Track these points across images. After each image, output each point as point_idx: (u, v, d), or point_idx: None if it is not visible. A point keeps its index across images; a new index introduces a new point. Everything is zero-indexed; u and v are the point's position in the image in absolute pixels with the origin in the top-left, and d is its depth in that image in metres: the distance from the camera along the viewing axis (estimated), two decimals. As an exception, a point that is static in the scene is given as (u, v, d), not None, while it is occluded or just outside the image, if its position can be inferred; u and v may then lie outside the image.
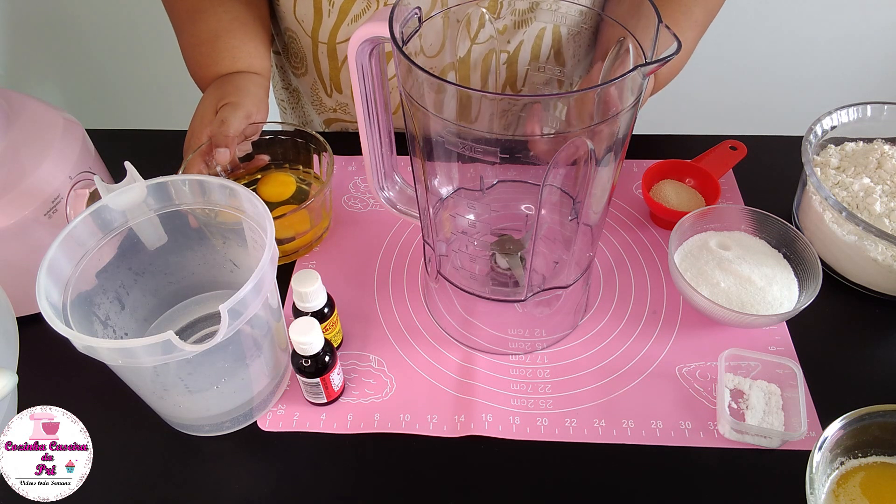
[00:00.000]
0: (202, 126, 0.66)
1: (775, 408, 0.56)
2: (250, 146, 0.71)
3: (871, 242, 0.62)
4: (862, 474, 0.50)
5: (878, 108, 0.70)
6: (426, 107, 0.46)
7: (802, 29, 1.46)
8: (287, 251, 0.68)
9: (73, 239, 0.50)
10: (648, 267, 0.68)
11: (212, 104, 0.67)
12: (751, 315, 0.59)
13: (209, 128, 0.65)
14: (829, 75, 1.53)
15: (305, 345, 0.52)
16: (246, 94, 0.68)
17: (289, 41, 0.82)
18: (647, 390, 0.58)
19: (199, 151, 0.64)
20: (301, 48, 0.80)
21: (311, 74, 0.83)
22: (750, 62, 1.52)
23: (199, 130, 0.66)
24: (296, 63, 0.84)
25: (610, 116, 0.44)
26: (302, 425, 0.56)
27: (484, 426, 0.56)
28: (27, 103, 0.63)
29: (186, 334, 0.61)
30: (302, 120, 0.96)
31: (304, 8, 0.74)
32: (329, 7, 0.72)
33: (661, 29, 0.43)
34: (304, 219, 0.67)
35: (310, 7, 0.73)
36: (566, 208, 0.59)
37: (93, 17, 1.32)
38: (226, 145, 0.63)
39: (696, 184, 0.73)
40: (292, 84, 0.92)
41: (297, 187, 0.73)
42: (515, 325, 0.61)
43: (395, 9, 0.46)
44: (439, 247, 0.60)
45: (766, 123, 1.00)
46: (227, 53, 0.72)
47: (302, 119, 0.96)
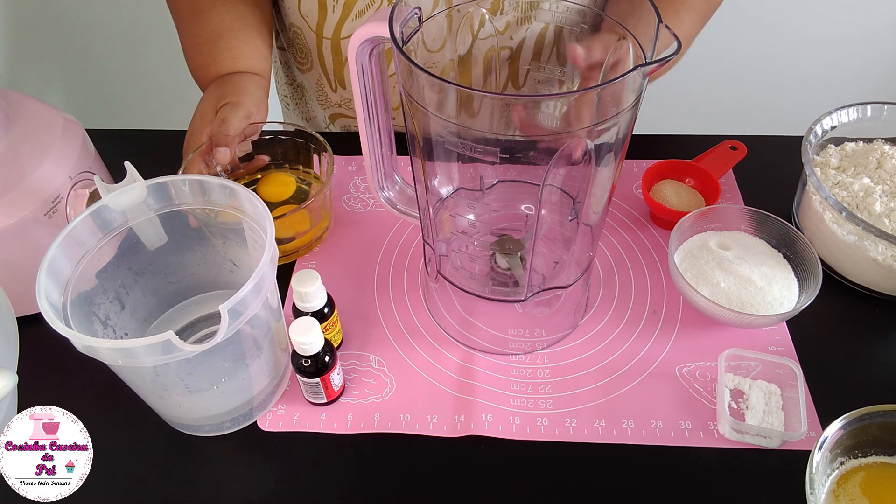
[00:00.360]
0: (202, 125, 0.66)
1: (775, 408, 0.56)
2: (250, 146, 0.71)
3: (871, 242, 0.62)
4: (862, 474, 0.50)
5: (878, 108, 0.70)
6: (426, 107, 0.47)
7: (802, 29, 1.46)
8: (287, 251, 0.68)
9: (73, 239, 0.50)
10: (648, 267, 0.68)
11: (212, 104, 0.68)
12: (751, 315, 0.59)
13: (209, 127, 0.65)
14: (829, 75, 1.53)
15: (305, 345, 0.52)
16: (246, 94, 0.68)
17: (293, 37, 0.82)
18: (647, 390, 0.58)
19: (199, 151, 0.64)
20: (306, 44, 0.80)
21: (315, 70, 0.83)
22: (750, 62, 1.52)
23: (198, 130, 0.66)
24: (301, 59, 0.84)
25: (610, 116, 0.44)
26: (302, 425, 0.56)
27: (484, 426, 0.56)
28: (27, 103, 0.63)
29: (186, 334, 0.61)
30: (305, 116, 0.97)
31: (308, 3, 0.74)
32: (333, 3, 0.72)
33: (660, 28, 0.43)
34: (304, 219, 0.67)
35: (314, 3, 0.73)
36: (566, 208, 0.59)
37: (93, 16, 1.31)
38: (226, 145, 0.64)
39: (696, 184, 0.73)
40: (297, 80, 0.93)
41: (297, 187, 0.73)
42: (515, 325, 0.61)
43: (395, 9, 0.46)
44: (439, 247, 0.60)
45: (766, 123, 1.00)
46: (228, 53, 0.72)
47: (305, 115, 0.96)
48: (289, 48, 0.87)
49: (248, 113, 0.67)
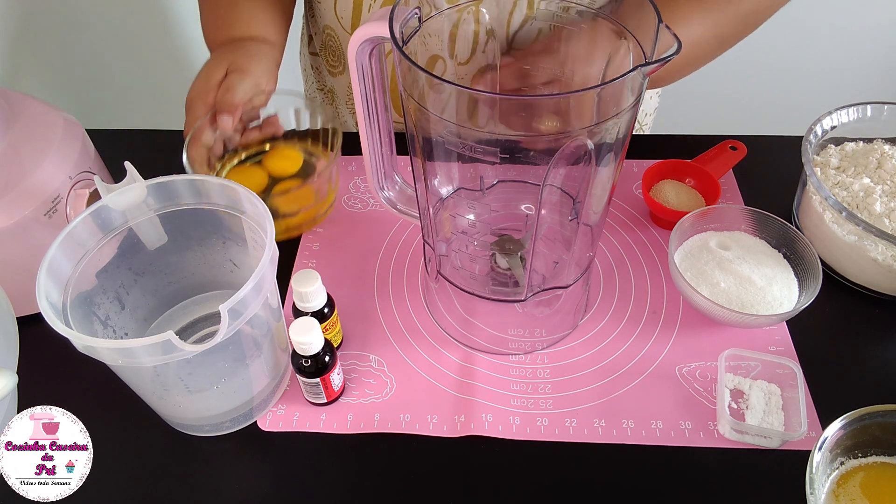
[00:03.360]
0: (206, 88, 0.65)
1: (775, 408, 0.56)
2: (259, 115, 0.70)
3: (871, 242, 0.62)
4: (862, 474, 0.50)
5: (878, 108, 0.70)
6: (426, 106, 0.47)
7: (803, 28, 1.46)
8: (290, 226, 0.68)
9: (73, 239, 0.50)
10: (648, 267, 0.68)
11: (220, 66, 0.66)
12: (751, 315, 0.59)
13: (214, 92, 0.64)
14: (829, 75, 1.53)
15: (305, 345, 0.52)
16: (257, 63, 0.67)
17: (327, 39, 0.82)
18: (647, 390, 0.58)
19: (207, 118, 0.64)
20: (339, 45, 0.80)
21: (347, 73, 0.83)
22: (750, 62, 1.51)
23: (202, 91, 0.65)
24: (333, 62, 0.84)
25: (610, 116, 0.44)
26: (302, 425, 0.56)
27: (484, 426, 0.56)
28: (27, 103, 0.63)
29: (186, 334, 0.61)
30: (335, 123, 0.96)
31: (344, 4, 0.74)
32: (371, 2, 0.72)
33: (661, 28, 0.43)
34: (309, 193, 0.67)
35: (349, 3, 0.73)
36: (566, 208, 0.59)
37: (93, 16, 1.31)
38: (229, 113, 0.63)
39: (696, 184, 0.73)
40: (327, 84, 0.93)
41: (304, 161, 0.72)
42: (515, 325, 0.61)
43: (395, 9, 0.46)
44: (439, 247, 0.60)
45: (766, 123, 1.00)
46: (244, 17, 0.71)
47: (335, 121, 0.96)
48: (321, 51, 0.87)
49: (257, 82, 0.66)
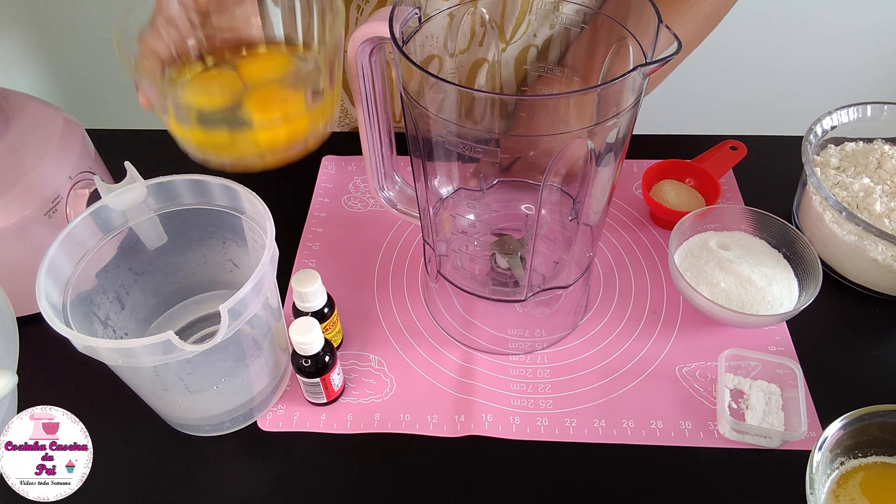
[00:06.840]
0: None
1: (775, 408, 0.56)
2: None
3: (871, 242, 0.62)
4: (862, 474, 0.50)
5: (878, 108, 0.70)
6: (426, 106, 0.47)
7: (802, 28, 1.46)
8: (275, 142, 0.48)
9: (73, 239, 0.50)
10: (648, 267, 0.68)
11: None
12: (751, 315, 0.59)
13: None
14: (829, 75, 1.52)
15: (305, 345, 0.52)
16: None
17: None
18: (647, 390, 0.58)
19: None
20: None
21: None
22: (750, 62, 1.52)
23: None
24: None
25: (610, 116, 0.44)
26: (302, 425, 0.56)
27: (484, 426, 0.56)
28: (27, 103, 0.63)
29: (186, 334, 0.61)
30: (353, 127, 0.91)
31: None
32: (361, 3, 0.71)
33: (661, 28, 0.43)
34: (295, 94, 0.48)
35: None
36: (566, 208, 0.59)
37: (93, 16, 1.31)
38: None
39: (696, 184, 0.73)
40: None
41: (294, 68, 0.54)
42: (515, 325, 0.61)
43: (395, 9, 0.46)
44: (439, 247, 0.60)
45: (766, 123, 1.00)
46: None
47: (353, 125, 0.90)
48: None
49: None
